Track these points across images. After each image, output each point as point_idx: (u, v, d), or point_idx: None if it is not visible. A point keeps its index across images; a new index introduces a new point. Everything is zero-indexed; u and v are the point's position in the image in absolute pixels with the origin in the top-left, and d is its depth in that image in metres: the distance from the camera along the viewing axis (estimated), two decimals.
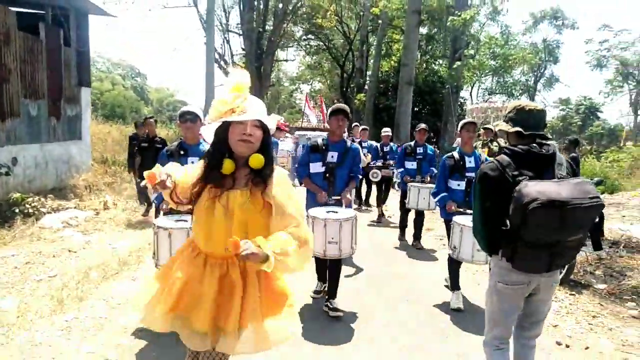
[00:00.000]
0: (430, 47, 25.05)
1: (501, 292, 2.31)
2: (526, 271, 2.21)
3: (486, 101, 25.36)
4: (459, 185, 4.44)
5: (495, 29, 27.08)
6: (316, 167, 4.03)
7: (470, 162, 4.43)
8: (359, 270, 5.18)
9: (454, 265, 4.22)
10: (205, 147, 3.44)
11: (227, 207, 1.76)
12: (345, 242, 3.65)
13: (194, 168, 1.93)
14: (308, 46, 32.70)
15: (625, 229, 6.61)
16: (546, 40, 37.34)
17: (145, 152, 6.99)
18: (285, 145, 10.85)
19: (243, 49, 22.90)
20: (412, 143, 6.64)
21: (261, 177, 1.79)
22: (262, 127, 1.81)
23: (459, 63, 16.22)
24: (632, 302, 4.41)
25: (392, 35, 26.84)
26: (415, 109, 21.99)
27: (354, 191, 7.25)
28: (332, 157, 4.00)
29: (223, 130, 1.81)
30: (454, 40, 17.71)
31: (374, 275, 5.05)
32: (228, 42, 23.88)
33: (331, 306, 3.83)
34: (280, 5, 21.26)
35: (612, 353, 3.39)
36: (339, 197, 4.00)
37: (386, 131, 8.37)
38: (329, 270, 3.92)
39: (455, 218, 4.01)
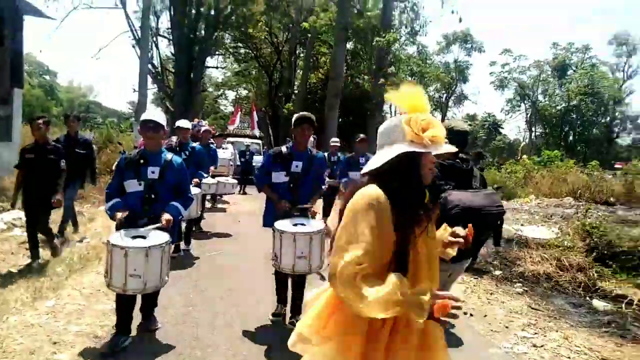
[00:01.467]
0: (355, 62, 26.60)
1: None
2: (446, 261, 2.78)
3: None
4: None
5: (414, 49, 29.25)
6: (279, 177, 3.82)
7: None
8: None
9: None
10: (168, 155, 3.37)
11: (434, 239, 1.69)
12: (315, 256, 3.44)
13: (371, 224, 1.46)
14: (237, 53, 32.96)
15: (517, 229, 7.96)
16: (457, 61, 40.98)
17: (30, 165, 4.88)
18: (226, 154, 10.43)
19: (172, 54, 22.75)
20: (353, 153, 6.88)
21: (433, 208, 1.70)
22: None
23: (383, 80, 17.68)
24: (519, 283, 5.56)
25: (319, 49, 28.09)
26: (341, 120, 23.24)
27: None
28: (297, 166, 3.81)
29: (413, 159, 1.55)
30: (379, 59, 19.19)
31: None
32: (157, 45, 23.55)
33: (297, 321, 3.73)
34: (212, 12, 21.44)
35: (502, 318, 4.41)
36: (304, 207, 3.82)
37: (335, 141, 8.48)
38: (294, 286, 3.75)
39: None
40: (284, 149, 3.94)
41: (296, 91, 29.51)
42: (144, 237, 3.03)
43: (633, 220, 9.40)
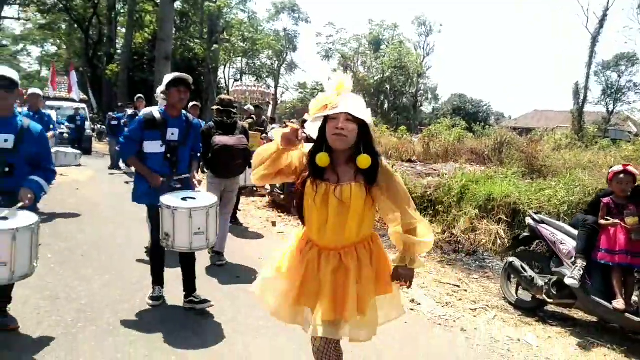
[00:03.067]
0: (184, 24, 25.64)
1: (211, 186, 4.49)
2: (219, 177, 4.51)
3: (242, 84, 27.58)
4: None
5: (244, 15, 29.40)
6: (154, 147, 3.39)
7: None
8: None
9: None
10: (24, 121, 2.96)
11: (342, 199, 1.87)
12: (211, 231, 3.26)
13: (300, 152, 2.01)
14: (40, 3, 28.41)
15: None
16: (286, 29, 42.50)
17: None
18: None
19: None
20: None
21: (371, 175, 1.89)
22: (357, 121, 1.85)
23: (216, 46, 17.67)
24: None
25: (143, 6, 26.12)
26: None
27: None
28: (173, 134, 3.44)
29: (322, 127, 1.91)
30: (211, 23, 19.01)
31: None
32: None
33: (197, 299, 3.46)
34: None
35: None
36: (183, 177, 3.53)
37: (195, 104, 7.76)
38: (186, 264, 3.48)
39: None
40: (156, 113, 3.46)
41: (120, 52, 27.14)
42: (5, 219, 2.64)
43: (426, 173, 11.83)
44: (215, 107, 4.69)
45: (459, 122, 27.27)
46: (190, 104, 7.54)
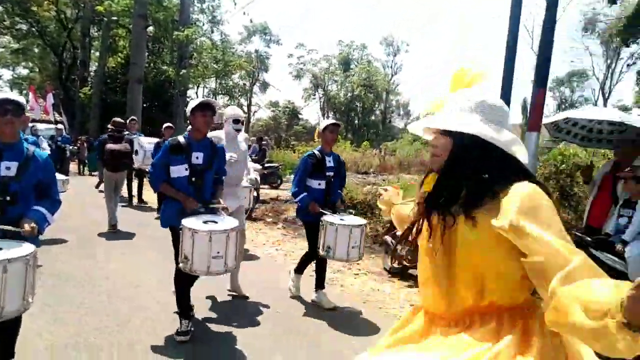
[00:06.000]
0: (157, 48, 26.77)
1: (107, 179, 6.43)
2: (111, 171, 6.50)
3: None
4: (319, 184, 4.22)
5: (217, 36, 30.74)
6: (179, 171, 3.48)
7: (329, 162, 4.28)
8: None
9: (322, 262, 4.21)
10: (30, 148, 2.81)
11: (448, 245, 1.29)
12: (230, 255, 3.19)
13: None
14: (14, 29, 29.15)
15: None
16: (258, 51, 44.10)
17: None
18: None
19: None
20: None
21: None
22: (451, 133, 1.30)
23: (184, 71, 18.87)
24: (281, 223, 8.00)
25: (117, 32, 27.15)
26: (145, 105, 23.41)
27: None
28: (198, 158, 3.51)
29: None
30: (180, 49, 20.25)
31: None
32: None
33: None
34: None
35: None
36: (214, 206, 3.54)
37: (169, 126, 8.52)
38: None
39: (326, 217, 3.75)
40: (181, 139, 3.57)
41: (93, 75, 28.08)
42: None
43: (374, 183, 13.20)
44: (110, 126, 7.10)
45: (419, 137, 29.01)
46: (165, 125, 8.52)
